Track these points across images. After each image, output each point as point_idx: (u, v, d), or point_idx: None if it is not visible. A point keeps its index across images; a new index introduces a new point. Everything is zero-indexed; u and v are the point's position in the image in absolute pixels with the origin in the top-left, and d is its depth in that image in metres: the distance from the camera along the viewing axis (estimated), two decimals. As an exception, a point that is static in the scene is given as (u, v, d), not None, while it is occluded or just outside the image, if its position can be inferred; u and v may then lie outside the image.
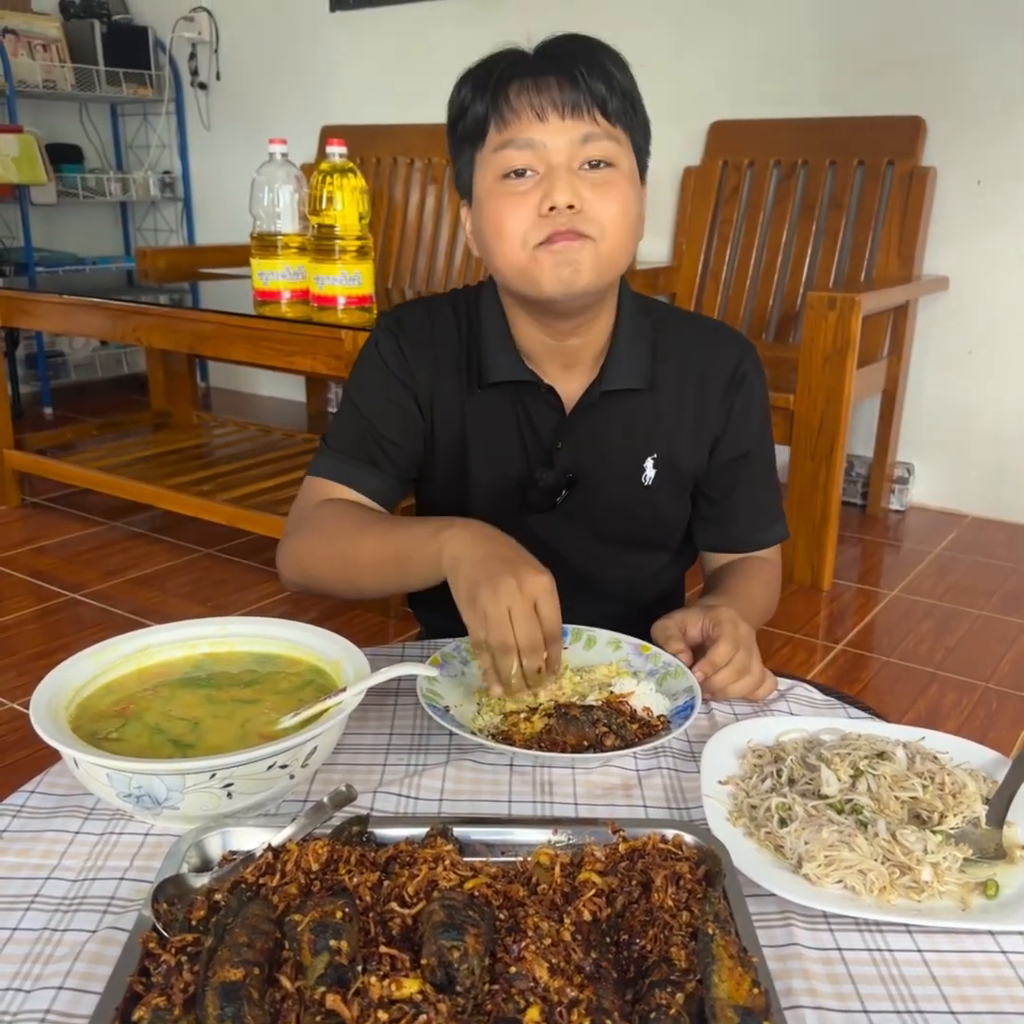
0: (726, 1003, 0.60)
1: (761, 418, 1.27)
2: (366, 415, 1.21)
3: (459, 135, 1.10)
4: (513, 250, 1.06)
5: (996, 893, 0.77)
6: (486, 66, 1.07)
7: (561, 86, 1.02)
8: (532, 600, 0.93)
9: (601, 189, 1.04)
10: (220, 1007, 0.58)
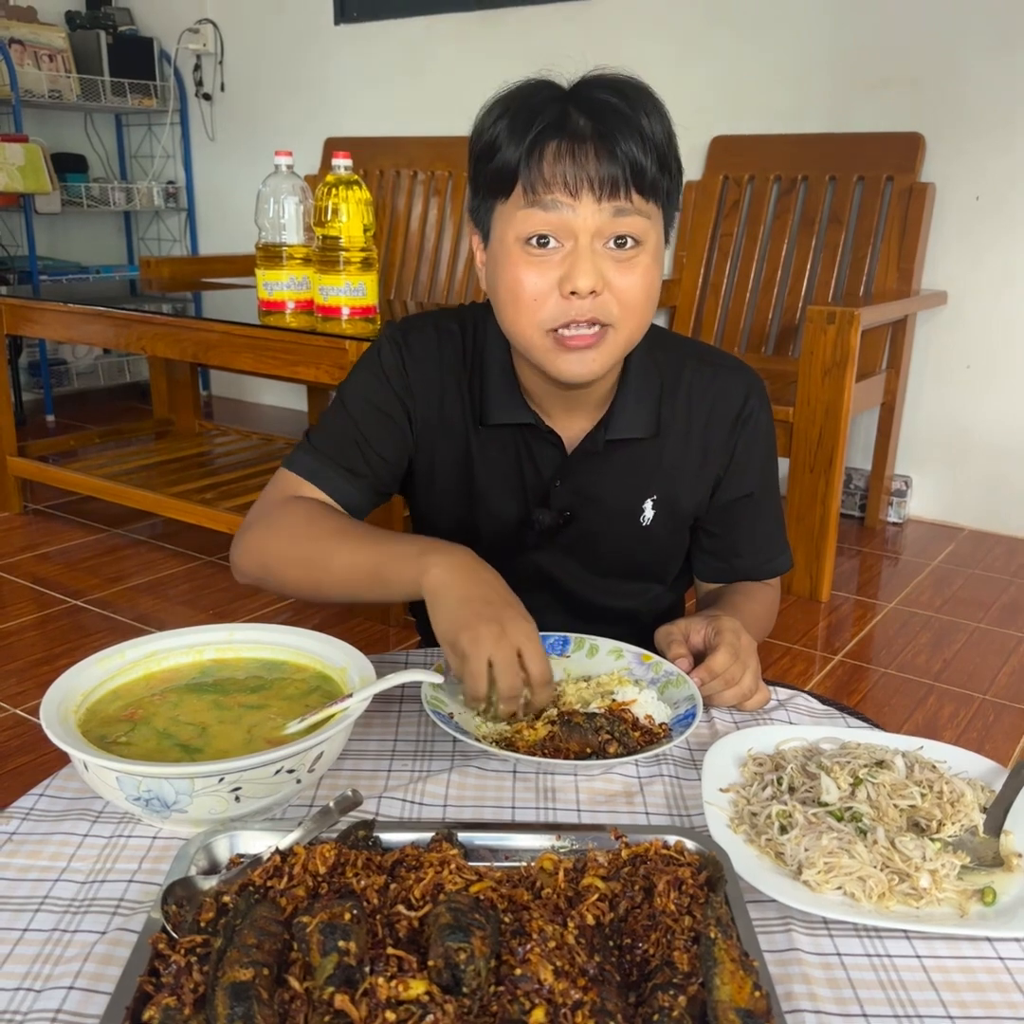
0: (728, 1006, 0.61)
1: (766, 456, 1.25)
2: (355, 421, 1.19)
3: (483, 177, 1.03)
4: (528, 326, 1.03)
5: (994, 900, 0.78)
6: (522, 111, 0.99)
7: (599, 158, 0.96)
8: (515, 648, 0.93)
9: (626, 268, 1.00)
10: (230, 1007, 0.59)
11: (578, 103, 0.98)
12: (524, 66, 3.67)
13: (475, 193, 1.06)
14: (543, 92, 1.00)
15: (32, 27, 4.71)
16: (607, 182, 0.96)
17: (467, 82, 4.22)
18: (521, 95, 1.01)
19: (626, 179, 0.96)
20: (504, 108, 1.01)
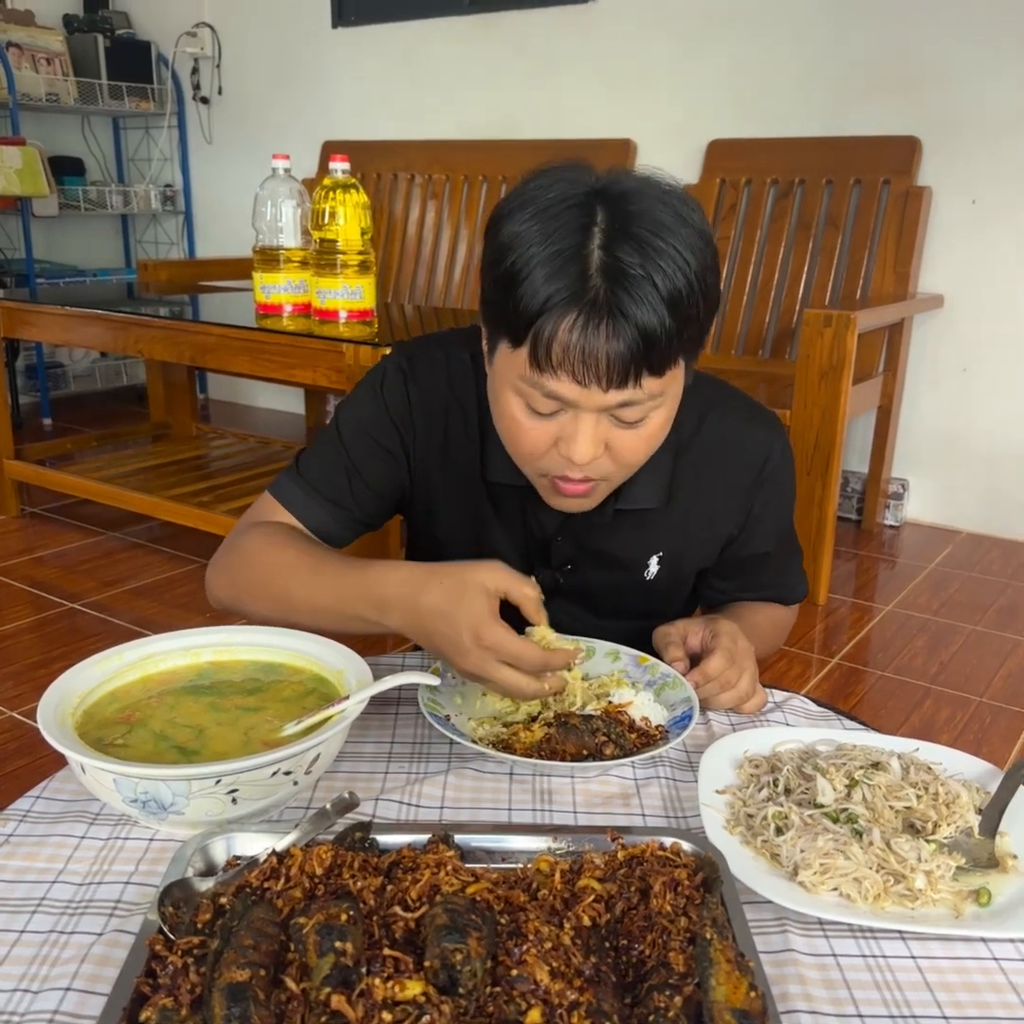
0: (724, 1006, 0.61)
1: (784, 512, 1.23)
2: (348, 451, 1.14)
3: (495, 305, 0.94)
4: (519, 460, 1.02)
5: (989, 901, 0.78)
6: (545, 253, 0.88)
7: (609, 342, 0.87)
8: (496, 648, 0.90)
9: (632, 429, 0.95)
10: (227, 1007, 0.59)
11: (602, 258, 0.87)
12: (521, 69, 3.71)
13: (485, 305, 0.98)
14: (570, 225, 0.88)
15: (30, 30, 4.71)
16: (617, 373, 0.89)
17: (464, 85, 4.23)
18: (548, 222, 0.89)
19: (638, 366, 0.89)
20: (529, 233, 0.89)
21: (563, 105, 4.01)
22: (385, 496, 1.17)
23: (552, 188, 0.91)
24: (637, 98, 3.85)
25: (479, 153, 4.15)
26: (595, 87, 3.93)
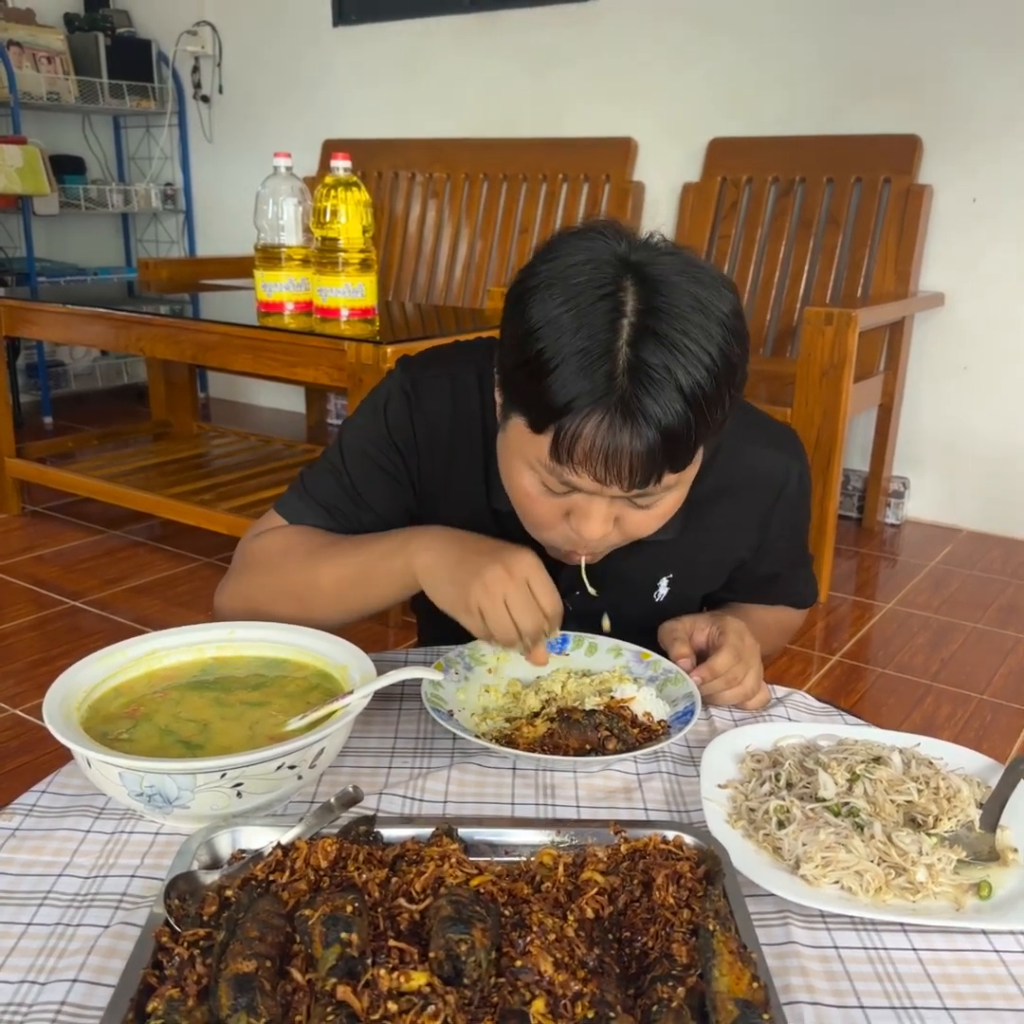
0: (726, 996, 0.61)
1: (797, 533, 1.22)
2: (351, 474, 1.13)
3: (516, 382, 0.92)
4: (530, 529, 1.01)
5: (989, 894, 0.78)
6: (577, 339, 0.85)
7: (632, 443, 0.86)
8: (525, 582, 0.93)
9: (643, 509, 0.95)
10: (233, 998, 0.59)
11: (630, 357, 0.85)
12: (521, 68, 3.71)
13: (504, 377, 0.95)
14: (602, 314, 0.86)
15: (30, 29, 4.71)
16: (639, 474, 0.88)
17: (465, 84, 4.23)
18: (580, 312, 0.86)
19: (660, 466, 0.88)
20: (561, 320, 0.86)
21: (564, 103, 4.01)
22: (388, 520, 1.14)
23: (582, 267, 0.87)
24: (638, 96, 3.85)
25: (480, 151, 4.16)
26: (596, 85, 3.93)
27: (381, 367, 2.42)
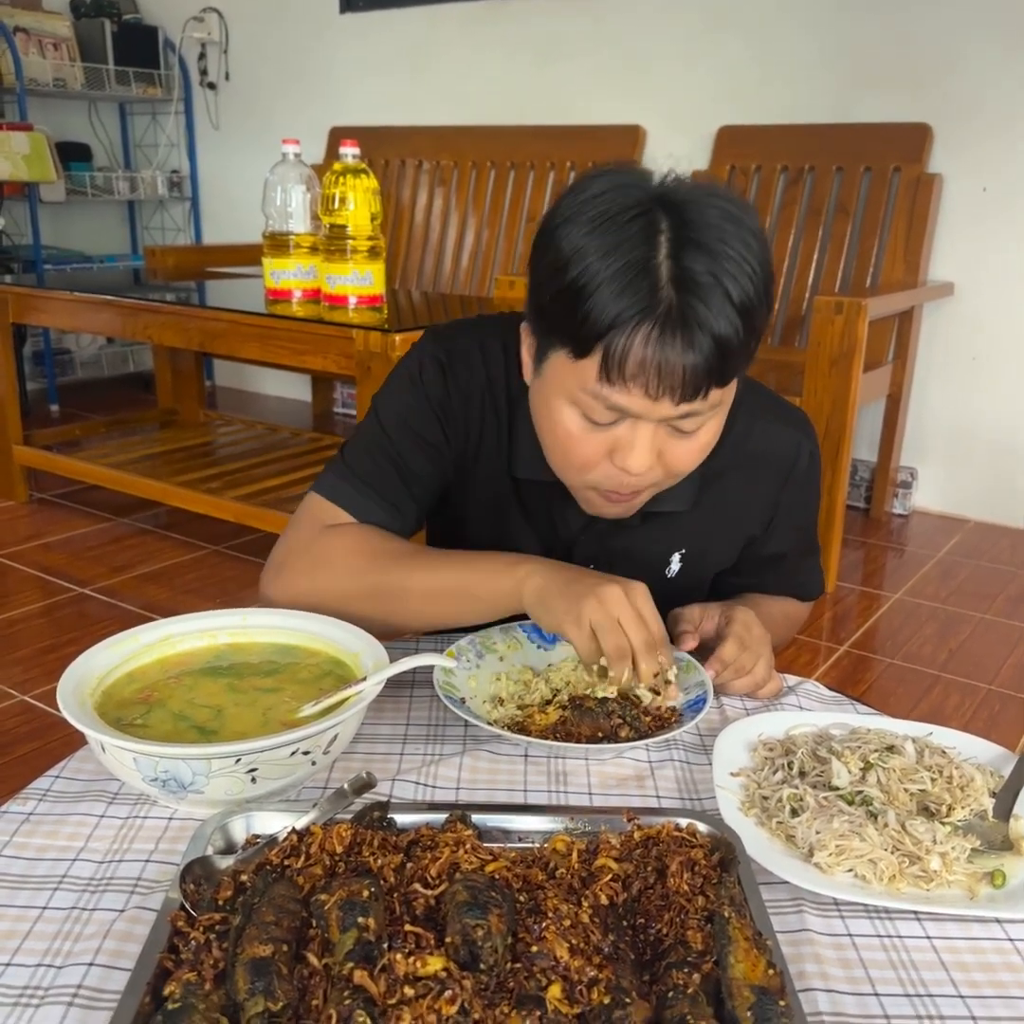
0: (742, 983, 0.62)
1: (807, 514, 1.23)
2: (397, 448, 1.11)
3: (554, 317, 0.91)
4: (571, 479, 1.01)
5: (1003, 883, 0.78)
6: (611, 267, 0.85)
7: (685, 353, 0.86)
8: (638, 608, 0.93)
9: (684, 438, 0.95)
10: (251, 981, 0.59)
11: (672, 268, 0.85)
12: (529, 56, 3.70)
13: (539, 315, 0.95)
14: (635, 236, 0.86)
15: (36, 15, 4.70)
16: (691, 385, 0.88)
17: (472, 72, 4.22)
18: (611, 233, 0.86)
19: (710, 377, 0.88)
20: (592, 245, 0.86)
21: (572, 91, 3.99)
22: (432, 491, 1.14)
23: (608, 197, 0.88)
24: (646, 84, 3.84)
25: (487, 139, 4.14)
26: (604, 73, 3.91)
27: (389, 355, 2.42)
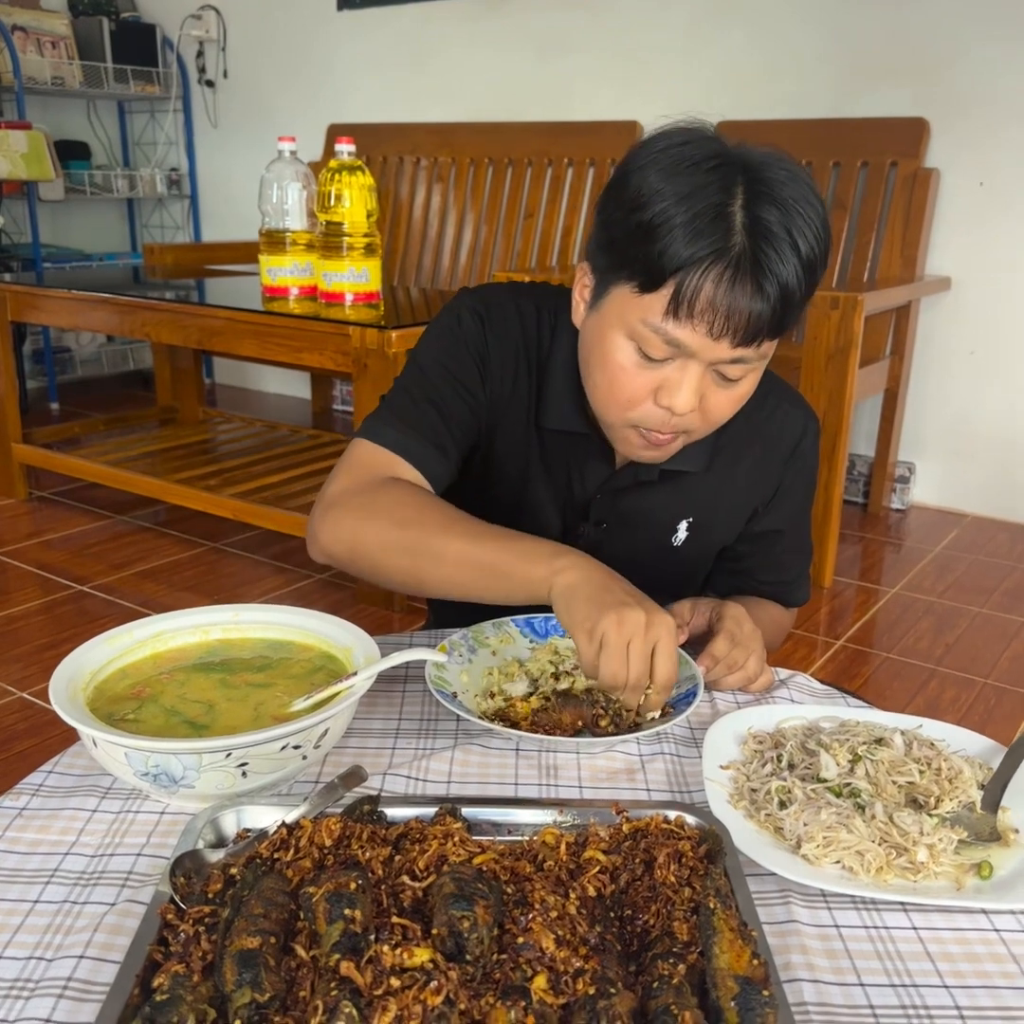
0: (727, 973, 0.62)
1: (805, 495, 1.26)
2: (438, 391, 1.13)
3: (625, 253, 0.95)
4: (615, 416, 1.03)
5: (990, 874, 0.79)
6: (689, 209, 0.90)
7: (752, 298, 0.91)
8: (654, 640, 0.91)
9: (728, 388, 0.99)
10: (238, 973, 0.60)
11: (746, 217, 0.90)
12: (526, 52, 3.69)
13: (606, 250, 0.98)
14: (712, 185, 0.91)
15: (35, 14, 4.70)
16: (752, 328, 0.93)
17: (470, 68, 4.22)
18: (690, 181, 0.91)
19: (772, 324, 0.93)
20: (670, 190, 0.91)
21: (569, 87, 3.99)
22: (471, 437, 1.16)
23: (689, 146, 0.93)
24: (644, 80, 3.83)
25: (485, 136, 4.14)
26: (602, 69, 3.91)
27: (386, 352, 2.42)
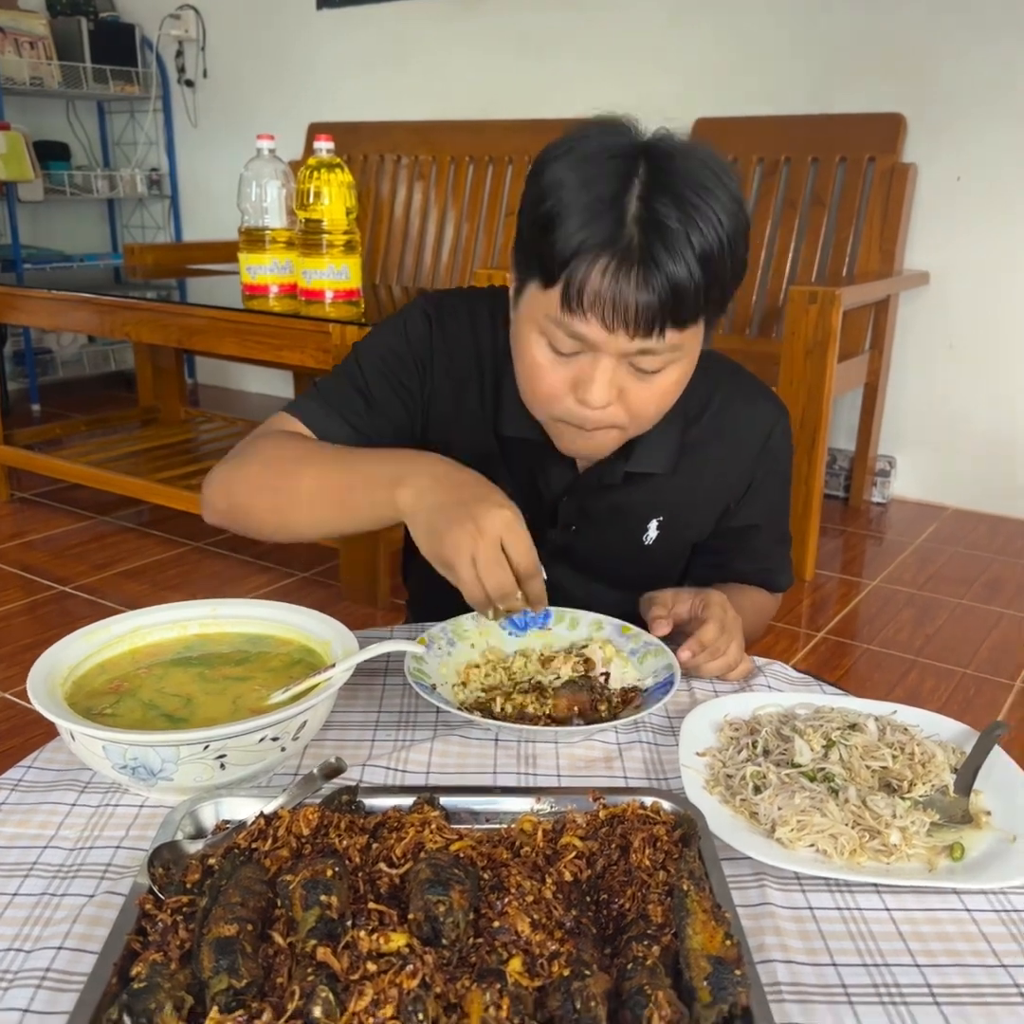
0: (699, 953, 0.63)
1: (779, 488, 1.26)
2: (367, 379, 1.15)
3: (530, 246, 0.97)
4: (535, 405, 1.04)
5: (962, 856, 0.80)
6: (584, 199, 0.91)
7: (639, 290, 0.90)
8: (497, 540, 0.90)
9: (648, 381, 0.98)
10: (215, 960, 0.60)
11: (640, 209, 0.90)
12: (506, 50, 3.70)
13: (520, 247, 1.00)
14: (611, 174, 0.91)
15: (12, 14, 4.68)
16: (643, 321, 0.91)
17: (450, 66, 4.22)
18: (589, 170, 0.91)
19: (663, 316, 0.92)
20: (569, 179, 0.92)
21: (548, 84, 3.99)
22: (400, 429, 1.16)
23: (597, 139, 0.93)
24: (623, 77, 3.84)
25: (465, 134, 4.14)
26: (580, 67, 3.92)
27: (367, 349, 2.42)
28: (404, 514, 0.96)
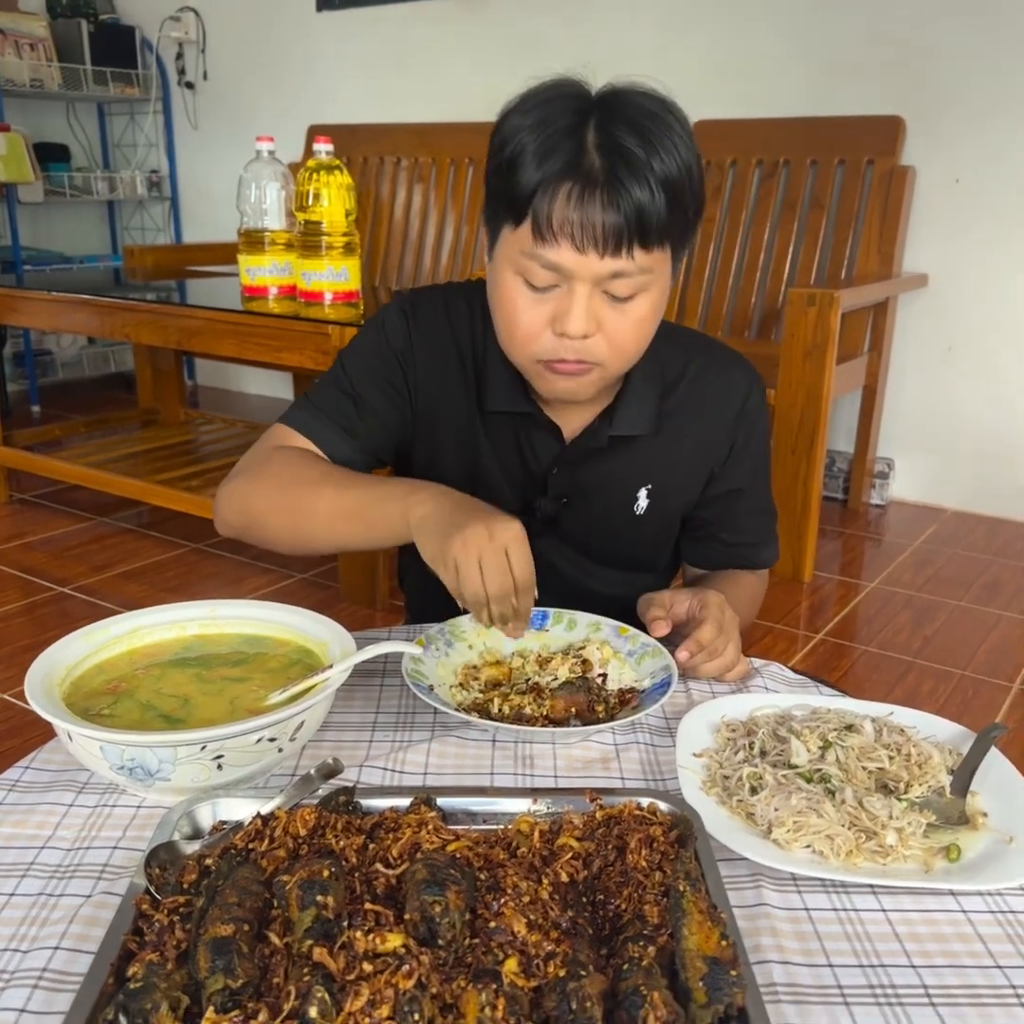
0: (695, 954, 0.63)
1: (760, 453, 1.27)
2: (352, 381, 1.19)
3: (497, 194, 1.01)
4: (520, 354, 1.06)
5: (958, 857, 0.80)
6: (542, 136, 0.97)
7: (606, 209, 0.94)
8: (503, 548, 0.95)
9: (621, 312, 1.01)
10: (211, 960, 0.60)
11: (598, 137, 0.96)
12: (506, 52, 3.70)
13: (488, 200, 1.05)
14: (566, 111, 0.98)
15: (12, 16, 4.68)
16: (611, 239, 0.95)
17: (450, 68, 4.22)
18: (545, 112, 0.98)
19: (630, 235, 0.95)
20: (526, 123, 0.98)
21: (548, 87, 3.99)
22: (390, 429, 1.20)
23: (550, 92, 1.01)
24: (622, 79, 3.84)
25: (465, 136, 4.14)
26: (578, 69, 3.91)
27: (366, 351, 2.42)
28: (415, 526, 1.01)
